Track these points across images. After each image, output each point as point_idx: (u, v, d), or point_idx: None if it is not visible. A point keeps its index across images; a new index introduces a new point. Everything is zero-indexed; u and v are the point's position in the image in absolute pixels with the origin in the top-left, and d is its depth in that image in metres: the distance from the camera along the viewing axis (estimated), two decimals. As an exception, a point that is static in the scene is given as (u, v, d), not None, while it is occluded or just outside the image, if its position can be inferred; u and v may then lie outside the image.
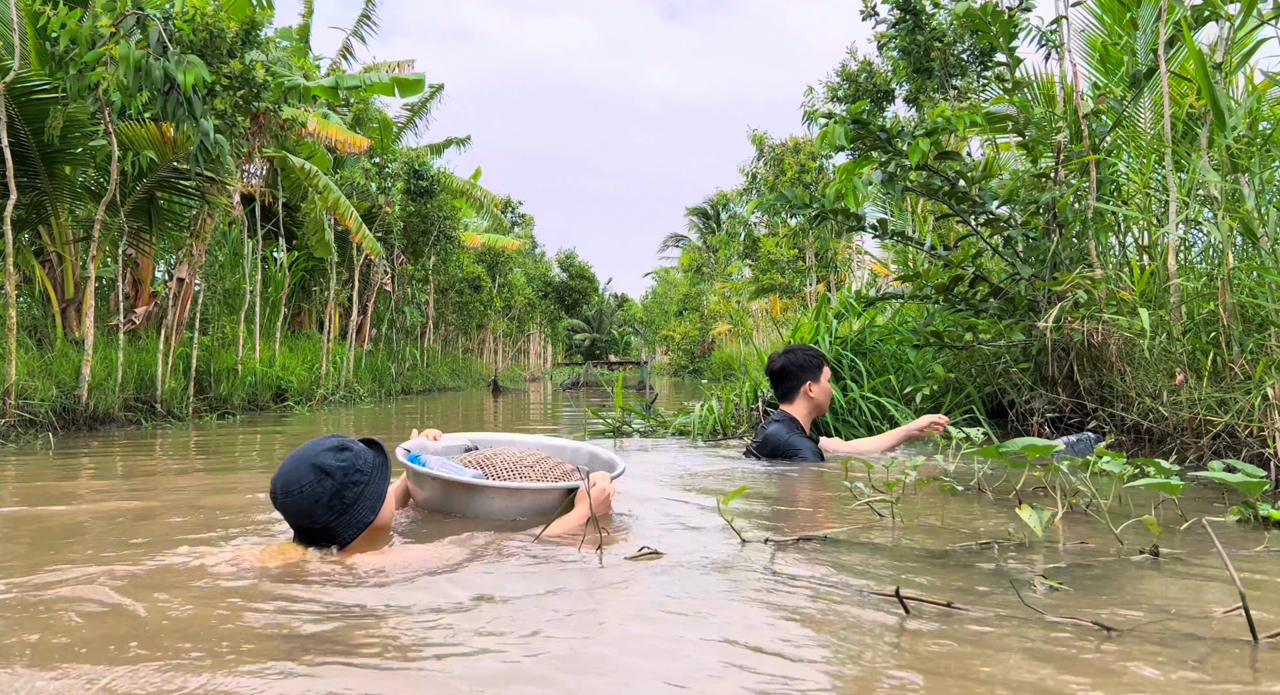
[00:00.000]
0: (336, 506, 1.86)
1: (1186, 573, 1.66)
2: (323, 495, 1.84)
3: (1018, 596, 1.47)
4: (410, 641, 1.31)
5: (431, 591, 1.58)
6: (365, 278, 15.65)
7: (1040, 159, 5.92)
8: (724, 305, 28.22)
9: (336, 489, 1.86)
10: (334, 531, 1.87)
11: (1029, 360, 5.27)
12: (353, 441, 1.99)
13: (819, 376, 3.90)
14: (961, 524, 2.25)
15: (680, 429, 5.58)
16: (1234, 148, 3.28)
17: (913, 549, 1.92)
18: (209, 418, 7.85)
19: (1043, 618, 1.37)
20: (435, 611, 1.46)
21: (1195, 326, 4.05)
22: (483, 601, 1.53)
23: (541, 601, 1.52)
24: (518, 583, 1.65)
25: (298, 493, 1.84)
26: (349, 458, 1.91)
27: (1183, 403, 3.68)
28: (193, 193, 7.41)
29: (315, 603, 1.50)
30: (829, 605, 1.46)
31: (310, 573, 1.72)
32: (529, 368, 37.82)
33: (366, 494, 1.91)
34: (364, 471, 1.93)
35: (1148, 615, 1.38)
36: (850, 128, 5.05)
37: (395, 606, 1.48)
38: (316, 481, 1.85)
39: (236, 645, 1.28)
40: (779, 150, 15.77)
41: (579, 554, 1.84)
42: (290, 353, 11.22)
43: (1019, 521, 2.32)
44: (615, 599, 1.52)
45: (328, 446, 1.93)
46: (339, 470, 1.87)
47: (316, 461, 1.88)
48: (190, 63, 5.25)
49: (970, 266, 5.59)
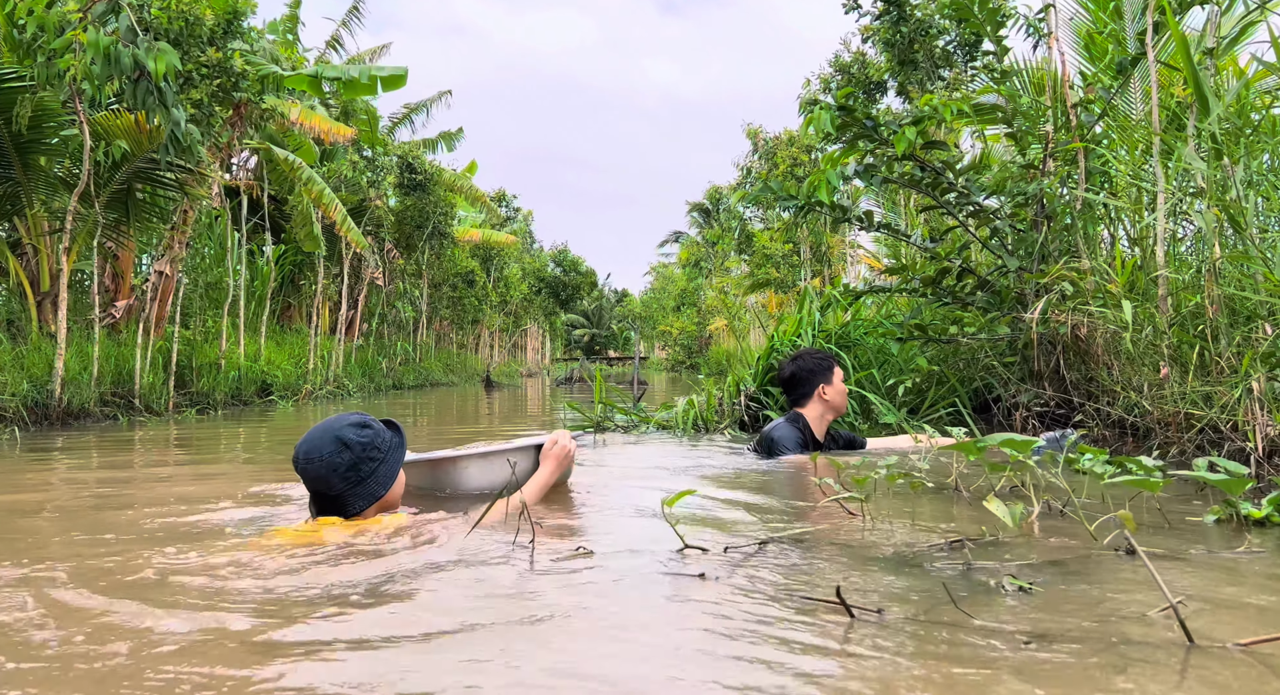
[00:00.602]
0: (351, 478, 1.99)
1: (1163, 572, 1.57)
2: (340, 466, 1.98)
3: (972, 599, 1.38)
4: (265, 637, 1.21)
5: (322, 582, 1.48)
6: (356, 272, 15.53)
7: (1028, 150, 5.83)
8: (721, 300, 28.15)
9: (354, 462, 2.00)
10: (345, 501, 2.01)
11: (1015, 354, 5.18)
12: (374, 420, 2.12)
13: (831, 378, 3.86)
14: (935, 522, 2.16)
15: (662, 424, 5.49)
16: (1218, 132, 3.18)
17: (879, 549, 1.83)
18: (188, 413, 7.74)
19: (970, 623, 1.28)
20: (308, 603, 1.36)
21: (1182, 319, 3.96)
22: (376, 600, 1.43)
23: (445, 599, 1.42)
24: (429, 582, 1.54)
25: (318, 461, 1.98)
26: (369, 434, 2.05)
27: (1167, 397, 3.59)
28: (171, 184, 7.29)
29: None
30: (756, 609, 1.37)
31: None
32: (526, 363, 37.71)
33: (381, 470, 2.05)
34: (381, 449, 2.07)
35: (1099, 620, 1.29)
36: (836, 114, 4.94)
37: (272, 589, 1.39)
38: (336, 452, 1.99)
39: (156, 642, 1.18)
40: (773, 144, 15.65)
41: (510, 548, 1.73)
42: (277, 347, 11.11)
43: (994, 520, 2.23)
44: (515, 606, 1.41)
45: (351, 421, 2.07)
46: (358, 444, 2.01)
47: (339, 434, 2.02)
48: (161, 50, 5.13)
49: (957, 259, 5.50)
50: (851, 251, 14.87)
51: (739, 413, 5.37)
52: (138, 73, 5.08)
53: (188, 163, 6.44)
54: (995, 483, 2.65)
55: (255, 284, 11.39)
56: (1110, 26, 5.20)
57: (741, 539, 1.89)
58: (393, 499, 2.15)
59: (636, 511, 2.30)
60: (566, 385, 19.25)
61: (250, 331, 10.80)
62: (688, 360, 30.82)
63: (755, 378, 5.50)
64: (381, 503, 2.10)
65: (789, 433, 3.70)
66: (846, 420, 4.89)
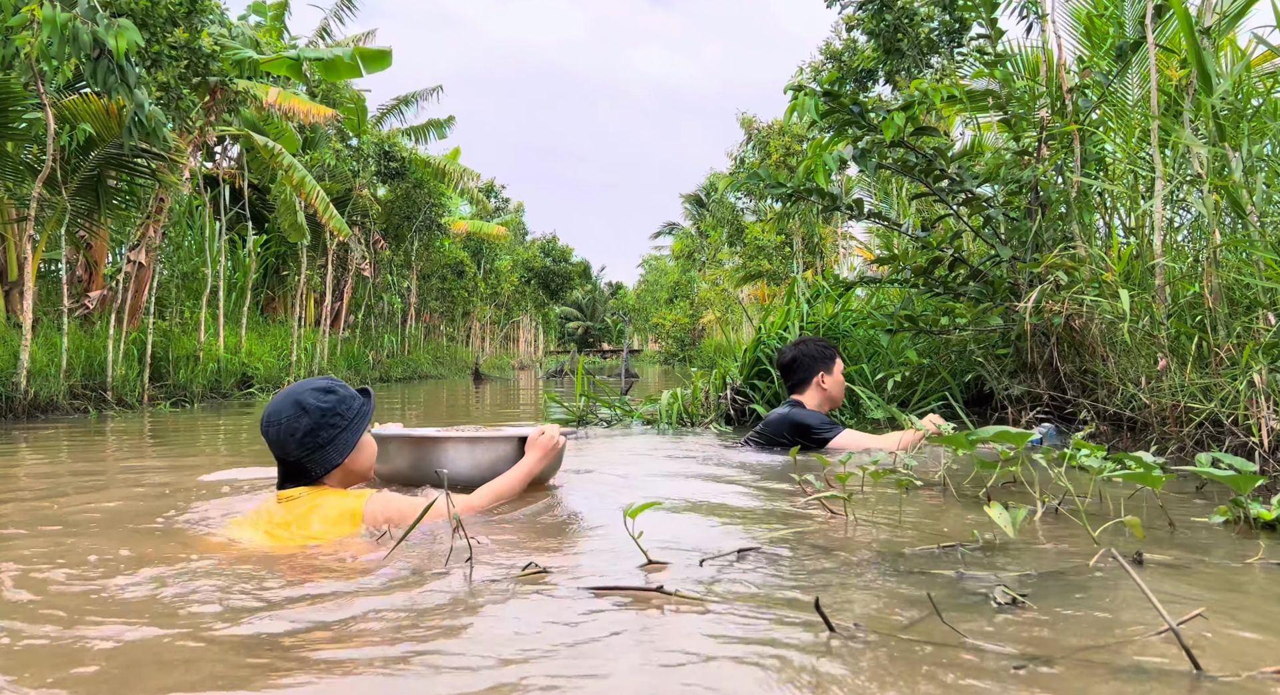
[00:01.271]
0: (308, 444, 1.94)
1: (1168, 586, 1.43)
2: (297, 430, 1.93)
3: (962, 612, 1.23)
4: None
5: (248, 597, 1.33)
6: (343, 263, 15.30)
7: (1023, 136, 5.68)
8: (714, 292, 28.02)
9: (311, 427, 1.94)
10: (304, 467, 1.96)
11: (1009, 346, 5.05)
12: (343, 386, 2.06)
13: (831, 367, 3.72)
14: (924, 524, 2.02)
15: (646, 418, 5.34)
16: (1219, 107, 3.03)
17: (866, 554, 1.68)
18: (162, 406, 7.56)
19: (961, 641, 1.13)
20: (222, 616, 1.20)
21: (1180, 309, 3.82)
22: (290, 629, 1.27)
23: (355, 628, 1.27)
24: (343, 610, 1.38)
25: (277, 424, 1.95)
26: (331, 401, 1.99)
27: (1165, 390, 3.45)
28: (143, 171, 7.08)
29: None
30: (726, 630, 1.22)
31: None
32: (518, 356, 37.51)
33: (341, 438, 1.98)
34: (343, 415, 1.99)
35: (1098, 642, 1.14)
36: (821, 100, 4.78)
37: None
38: (294, 417, 1.94)
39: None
40: (765, 133, 15.46)
41: (445, 568, 1.56)
42: (259, 339, 10.91)
43: (987, 521, 2.09)
44: (427, 632, 1.24)
45: (314, 386, 2.02)
46: (316, 410, 1.96)
47: (299, 398, 1.97)
48: (122, 27, 4.91)
49: (949, 248, 5.35)
50: (844, 243, 14.73)
51: (725, 406, 5.22)
52: (97, 51, 4.87)
53: (153, 146, 6.23)
54: (988, 480, 2.51)
55: (237, 275, 11.16)
56: (1110, 9, 5.04)
57: (717, 547, 1.74)
58: (357, 467, 2.07)
59: (602, 518, 2.14)
60: (557, 378, 19.09)
61: (231, 323, 10.59)
62: (680, 353, 30.69)
63: (742, 371, 5.35)
64: (345, 471, 2.04)
65: (813, 415, 3.52)
66: (832, 414, 4.74)
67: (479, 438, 2.46)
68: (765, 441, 3.60)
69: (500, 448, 2.42)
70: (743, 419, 5.15)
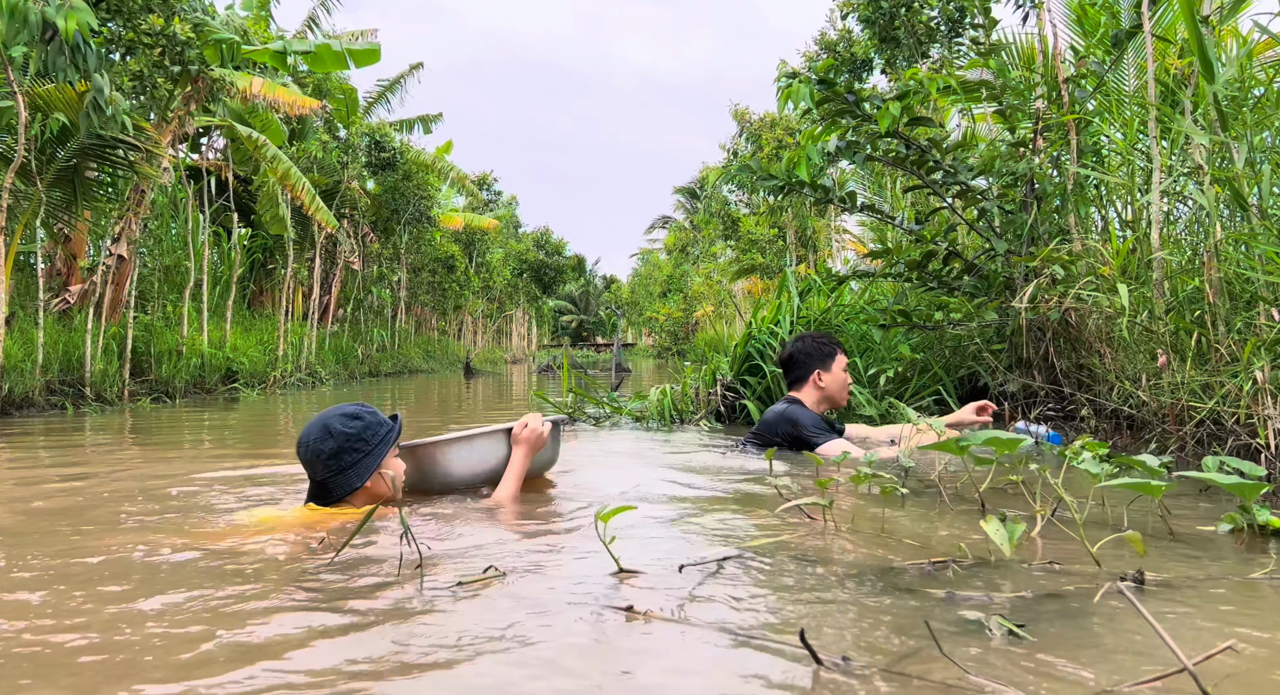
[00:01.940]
0: (332, 466, 2.06)
1: (1172, 612, 1.33)
2: (323, 453, 2.05)
3: (953, 641, 1.13)
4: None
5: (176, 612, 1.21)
6: (331, 256, 15.13)
7: (1018, 127, 5.58)
8: (707, 286, 27.92)
9: (335, 451, 2.05)
10: (327, 488, 2.08)
11: (1004, 341, 4.95)
12: (371, 413, 2.15)
13: (829, 365, 3.58)
14: (912, 535, 1.91)
15: (635, 415, 5.23)
16: (1222, 95, 2.93)
17: (852, 570, 1.58)
18: (143, 401, 7.41)
19: (964, 677, 1.03)
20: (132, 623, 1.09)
21: (1179, 304, 3.72)
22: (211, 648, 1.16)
23: (293, 634, 1.16)
24: (272, 623, 1.27)
25: (304, 446, 2.08)
26: (356, 426, 2.09)
27: (1164, 387, 3.36)
28: (119, 162, 6.92)
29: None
30: (697, 657, 1.11)
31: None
32: (511, 350, 37.32)
33: (363, 462, 2.08)
34: (368, 441, 2.09)
35: (1102, 680, 1.04)
36: (816, 88, 4.66)
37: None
38: (320, 440, 2.06)
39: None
40: (757, 126, 15.32)
41: (396, 575, 1.45)
42: (244, 334, 10.75)
43: (979, 533, 1.99)
44: (370, 648, 1.13)
45: (343, 412, 2.12)
46: (341, 435, 2.07)
47: (327, 422, 2.09)
48: (74, 8, 4.73)
49: (943, 242, 5.25)
50: (838, 237, 14.62)
51: (715, 403, 5.12)
52: (50, 33, 4.68)
53: (109, 132, 6.03)
54: (983, 480, 2.40)
55: (222, 268, 10.99)
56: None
57: (695, 555, 1.63)
58: (378, 491, 2.15)
59: (575, 520, 2.03)
60: (549, 372, 18.97)
61: (216, 317, 10.43)
62: (674, 347, 30.60)
63: (733, 366, 5.24)
64: (369, 494, 2.13)
65: (807, 415, 3.41)
66: (829, 415, 4.63)
67: (462, 437, 2.45)
68: (762, 442, 3.49)
69: (488, 444, 2.45)
70: (733, 415, 5.05)
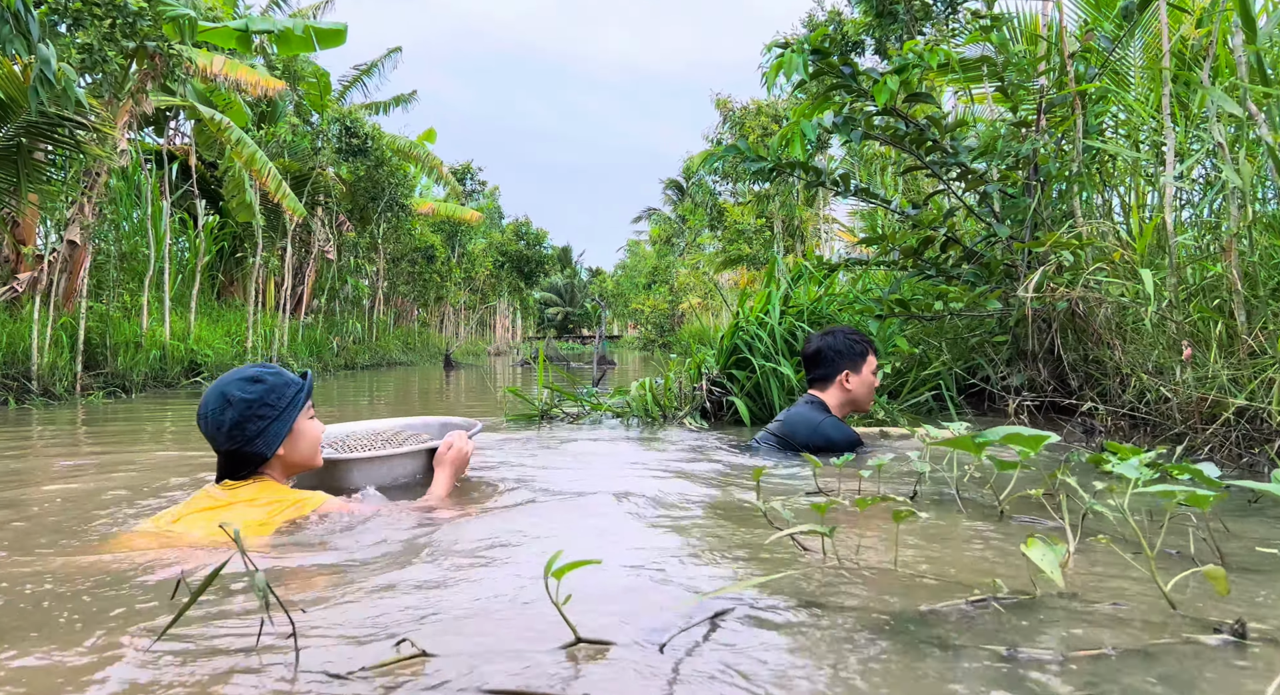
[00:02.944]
0: (236, 436, 1.88)
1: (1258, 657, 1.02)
2: (224, 424, 1.87)
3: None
4: None
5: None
6: (305, 245, 14.65)
7: (1020, 106, 5.28)
8: (693, 277, 27.63)
9: (237, 420, 1.87)
10: (238, 460, 1.91)
11: (1006, 332, 4.67)
12: (274, 374, 1.96)
13: (860, 366, 3.23)
14: (931, 562, 1.60)
15: (616, 411, 4.91)
16: (1265, 58, 2.63)
17: (874, 616, 1.26)
18: (95, 396, 7.00)
19: None
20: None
21: (1200, 291, 3.45)
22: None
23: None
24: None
25: (204, 417, 1.90)
26: (258, 390, 1.91)
27: (1189, 381, 3.07)
28: (64, 141, 6.48)
29: None
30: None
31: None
32: (494, 342, 36.85)
33: (270, 429, 1.91)
34: (273, 405, 1.92)
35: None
36: (809, 58, 4.33)
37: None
38: (219, 410, 1.88)
39: None
40: (741, 114, 14.98)
41: (255, 649, 1.09)
42: (211, 324, 10.31)
43: (1007, 554, 1.68)
44: None
45: (242, 376, 1.93)
46: (241, 401, 1.88)
47: (224, 389, 1.90)
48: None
49: (942, 227, 4.95)
50: (826, 226, 14.33)
51: (700, 399, 4.80)
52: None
53: (64, 110, 5.63)
54: (1001, 493, 2.10)
55: (187, 256, 10.53)
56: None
57: (677, 609, 1.31)
58: (297, 457, 1.98)
59: (523, 563, 1.65)
60: (532, 365, 18.59)
61: (181, 307, 9.99)
62: (660, 339, 30.31)
63: (719, 359, 4.92)
64: (284, 462, 1.96)
65: (842, 431, 3.05)
66: (850, 419, 4.31)
67: (377, 457, 2.31)
68: (782, 446, 3.14)
69: (406, 464, 2.35)
70: (719, 412, 4.73)
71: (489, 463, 2.94)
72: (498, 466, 2.87)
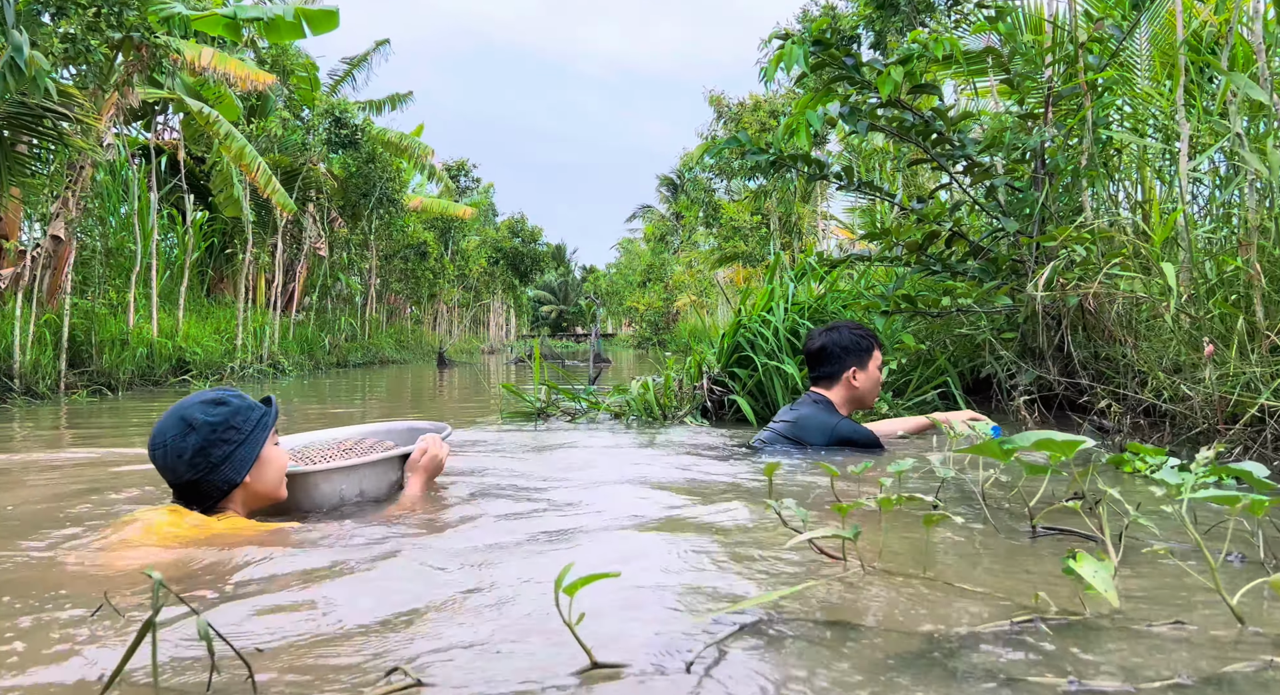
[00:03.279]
0: (200, 464, 1.75)
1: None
2: (185, 451, 1.74)
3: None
4: None
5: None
6: (297, 241, 14.47)
7: (1027, 98, 5.17)
8: (688, 275, 27.52)
9: (200, 445, 1.75)
10: (199, 491, 1.77)
11: (1014, 329, 4.55)
12: (237, 396, 1.86)
13: (866, 363, 3.08)
14: (962, 574, 1.48)
15: (614, 410, 4.78)
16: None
17: (910, 639, 1.13)
18: (80, 394, 6.83)
19: None
20: None
21: (1218, 286, 3.34)
22: None
23: None
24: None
25: (162, 445, 1.75)
26: (222, 414, 1.79)
27: (1213, 379, 2.96)
28: (46, 133, 6.31)
29: None
30: None
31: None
32: (488, 340, 36.65)
33: (236, 454, 1.78)
34: (238, 428, 1.80)
35: None
36: (810, 49, 4.21)
37: None
38: (181, 435, 1.75)
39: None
40: (737, 110, 14.84)
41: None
42: (200, 322, 10.14)
43: (1042, 565, 1.56)
44: None
45: (204, 399, 1.82)
46: (205, 425, 1.76)
47: (185, 413, 1.77)
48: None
49: (947, 221, 4.84)
50: (823, 223, 14.23)
51: (701, 397, 4.67)
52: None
53: (32, 97, 5.44)
54: (1030, 499, 1.98)
55: (176, 252, 10.35)
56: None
57: (695, 622, 1.18)
58: (262, 487, 1.85)
59: (527, 577, 1.51)
60: (527, 363, 18.44)
61: (169, 304, 9.81)
62: (654, 337, 30.21)
63: (720, 358, 4.80)
64: (248, 491, 1.82)
65: (860, 432, 2.94)
66: (854, 416, 4.19)
67: (340, 468, 2.12)
68: (793, 444, 2.99)
69: (375, 473, 2.16)
70: (721, 411, 4.61)
71: (484, 466, 2.81)
72: (494, 469, 2.74)
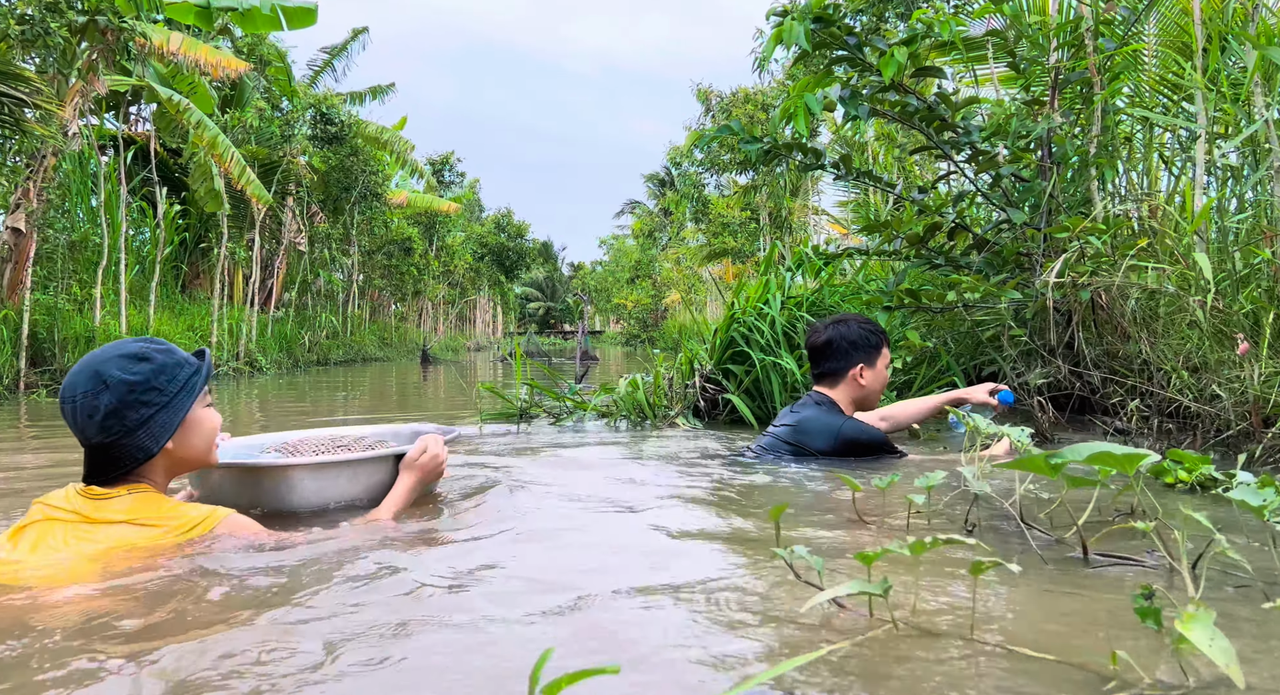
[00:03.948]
0: (112, 428, 1.53)
1: None
2: (97, 411, 1.52)
3: None
4: None
5: None
6: (275, 236, 14.10)
7: (1034, 84, 4.95)
8: (677, 271, 27.30)
9: (114, 407, 1.52)
10: (111, 456, 1.55)
11: (1022, 325, 4.34)
12: (163, 351, 1.61)
13: (875, 360, 2.83)
14: (1012, 629, 1.24)
15: (601, 410, 4.53)
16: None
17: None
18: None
19: None
20: None
21: (1246, 278, 3.13)
22: None
23: None
24: None
25: (70, 400, 1.54)
26: (143, 372, 1.55)
27: (1244, 379, 2.74)
28: (5, 120, 5.97)
29: None
30: None
31: None
32: (474, 337, 36.28)
33: (157, 419, 1.55)
34: (161, 389, 1.56)
35: None
36: (810, 27, 3.96)
37: None
38: (93, 393, 1.52)
39: None
40: (727, 102, 14.60)
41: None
42: (172, 318, 9.79)
43: (1113, 615, 1.32)
44: None
45: (123, 352, 1.56)
46: (121, 384, 1.53)
47: (100, 367, 1.54)
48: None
49: (951, 213, 4.62)
50: (814, 218, 14.02)
51: (693, 397, 4.43)
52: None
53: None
54: (1075, 515, 1.74)
55: (147, 247, 10.00)
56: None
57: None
58: (188, 453, 1.63)
59: (500, 617, 1.27)
60: (512, 361, 18.15)
61: (140, 299, 9.46)
62: (643, 334, 29.96)
63: (713, 354, 4.56)
64: (171, 458, 1.60)
65: (860, 429, 2.70)
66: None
67: (334, 463, 1.91)
68: (795, 452, 2.76)
69: (365, 472, 1.94)
70: (714, 411, 4.37)
71: (454, 474, 2.55)
72: (466, 477, 2.49)
